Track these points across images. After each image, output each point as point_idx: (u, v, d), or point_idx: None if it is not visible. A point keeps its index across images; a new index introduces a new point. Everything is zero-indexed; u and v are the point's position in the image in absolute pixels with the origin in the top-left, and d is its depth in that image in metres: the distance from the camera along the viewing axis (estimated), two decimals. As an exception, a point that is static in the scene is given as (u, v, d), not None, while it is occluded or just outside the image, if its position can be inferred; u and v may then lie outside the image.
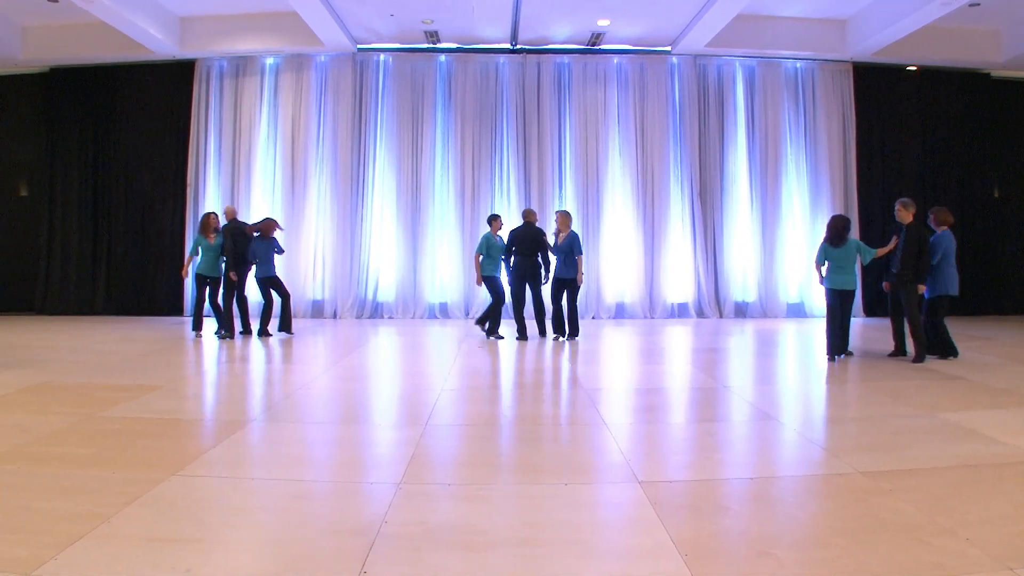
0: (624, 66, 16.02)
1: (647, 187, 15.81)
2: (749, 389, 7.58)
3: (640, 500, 4.01)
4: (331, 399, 7.31)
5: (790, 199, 15.89)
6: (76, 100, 16.51)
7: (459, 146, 15.83)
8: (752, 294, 15.79)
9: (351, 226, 15.83)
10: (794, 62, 15.98)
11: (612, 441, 5.30)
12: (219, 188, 16.06)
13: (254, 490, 4.35)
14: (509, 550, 3.42)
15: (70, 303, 16.38)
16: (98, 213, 16.52)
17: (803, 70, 16.02)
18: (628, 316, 15.51)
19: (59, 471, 4.58)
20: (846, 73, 15.93)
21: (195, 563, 3.25)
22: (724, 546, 3.45)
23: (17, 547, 3.39)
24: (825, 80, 15.94)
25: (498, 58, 15.98)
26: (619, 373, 9.19)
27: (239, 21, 15.17)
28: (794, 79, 16.07)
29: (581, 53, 15.97)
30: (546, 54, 15.95)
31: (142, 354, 10.12)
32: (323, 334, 12.95)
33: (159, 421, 6.01)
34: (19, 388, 7.42)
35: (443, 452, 5.23)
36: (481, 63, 15.99)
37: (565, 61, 16.01)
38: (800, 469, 4.72)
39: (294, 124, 16.02)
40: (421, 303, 15.71)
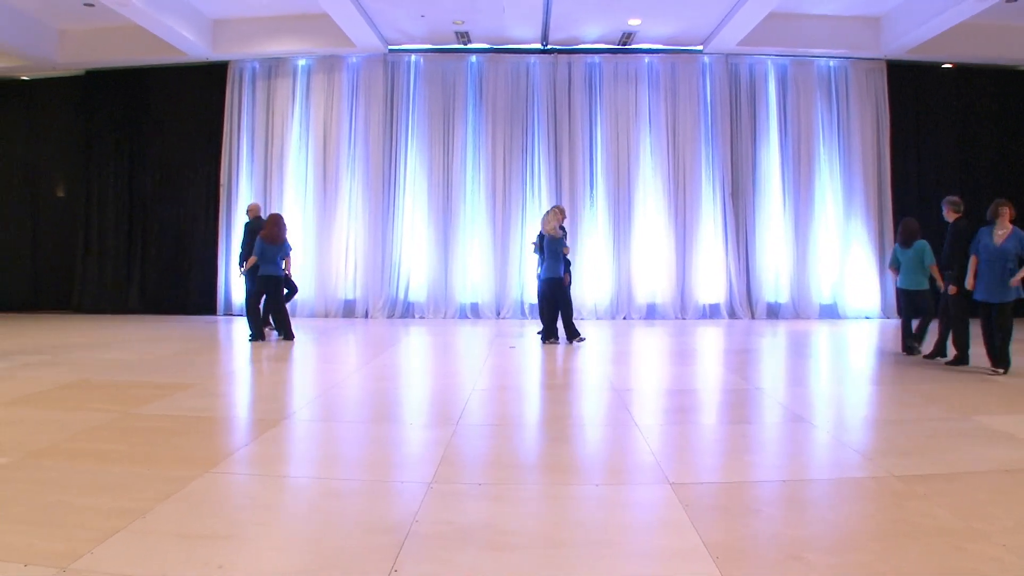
0: (655, 65, 15.94)
1: (679, 187, 15.73)
2: (781, 391, 7.52)
3: (671, 502, 3.99)
4: (362, 398, 7.34)
5: (823, 199, 15.72)
6: (111, 102, 16.75)
7: (490, 147, 15.84)
8: (784, 295, 15.65)
9: (382, 226, 15.89)
10: (827, 60, 15.82)
11: (643, 442, 5.28)
12: (251, 188, 16.20)
13: (286, 488, 4.38)
14: (539, 551, 3.42)
15: (105, 302, 16.61)
16: (133, 213, 16.74)
17: (836, 68, 15.86)
18: (659, 317, 15.43)
19: (95, 467, 4.65)
20: (880, 71, 15.73)
21: (227, 560, 3.28)
22: (756, 549, 3.42)
23: (54, 541, 3.44)
24: (858, 78, 15.76)
25: (529, 58, 15.97)
26: (650, 374, 9.16)
27: (271, 23, 15.30)
28: (827, 78, 15.91)
29: (612, 53, 15.92)
30: (577, 54, 15.92)
31: (175, 353, 10.23)
32: (354, 334, 13.02)
33: (192, 419, 6.07)
34: (56, 385, 7.54)
35: (474, 452, 5.23)
36: (512, 63, 15.98)
37: (596, 61, 15.97)
38: (833, 472, 4.67)
39: (326, 125, 16.11)
40: (452, 303, 15.75)
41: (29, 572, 3.12)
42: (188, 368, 8.97)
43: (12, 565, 3.19)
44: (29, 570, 3.14)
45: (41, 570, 3.14)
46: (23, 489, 4.22)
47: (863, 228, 15.50)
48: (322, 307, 15.80)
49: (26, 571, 3.13)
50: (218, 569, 3.18)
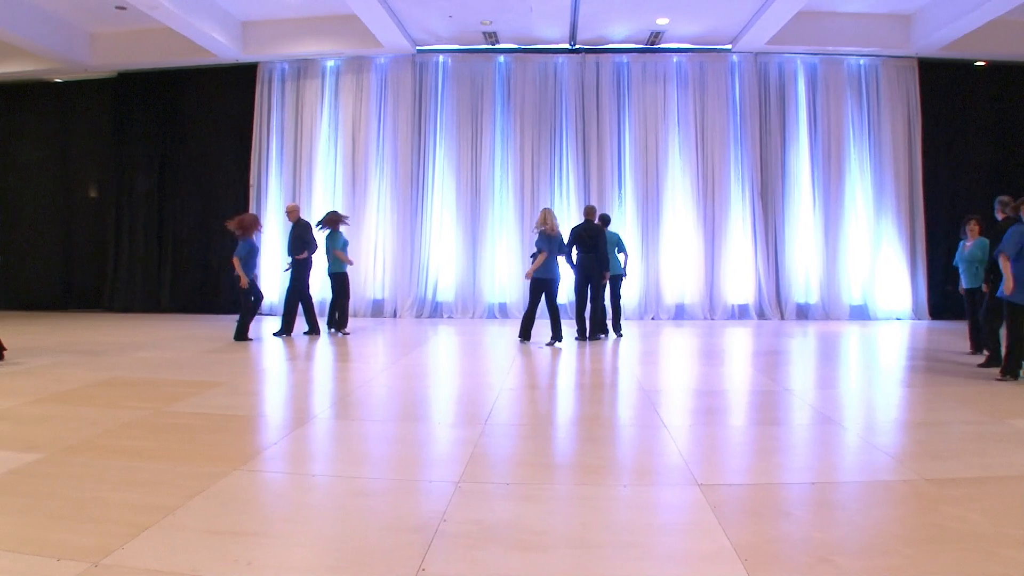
0: (683, 65, 15.88)
1: (707, 187, 15.66)
2: (811, 392, 7.45)
3: (699, 503, 3.96)
4: (391, 397, 7.36)
5: (853, 198, 15.58)
6: (143, 104, 16.98)
7: (518, 146, 15.85)
8: (814, 295, 15.52)
9: (411, 226, 15.96)
10: (857, 58, 15.67)
11: (671, 443, 5.26)
12: (281, 188, 16.33)
13: (314, 486, 4.40)
14: (566, 551, 3.41)
15: (136, 301, 16.83)
16: (164, 214, 16.94)
17: (866, 67, 15.70)
18: (688, 317, 15.38)
19: (126, 463, 4.69)
20: (911, 69, 15.56)
21: (256, 556, 3.30)
22: (785, 552, 3.38)
23: (86, 536, 3.48)
24: (889, 76, 15.60)
25: (557, 58, 15.96)
26: (679, 375, 9.10)
27: (300, 24, 15.41)
28: (857, 76, 15.75)
29: (640, 52, 15.87)
30: (605, 53, 15.89)
31: (204, 351, 10.32)
32: (383, 333, 13.07)
33: (222, 417, 6.12)
34: (89, 383, 7.63)
35: (502, 452, 5.23)
36: (540, 63, 15.99)
37: (624, 60, 15.93)
38: (863, 475, 4.60)
39: (354, 125, 16.21)
40: (480, 303, 15.77)
41: (62, 566, 3.16)
42: (218, 366, 9.04)
43: (45, 559, 3.23)
44: (62, 564, 3.17)
45: (74, 564, 3.17)
46: (56, 484, 4.27)
47: (894, 228, 15.34)
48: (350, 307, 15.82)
49: (59, 565, 3.17)
50: (247, 566, 3.20)
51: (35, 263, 17.63)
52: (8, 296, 17.41)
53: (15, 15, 13.83)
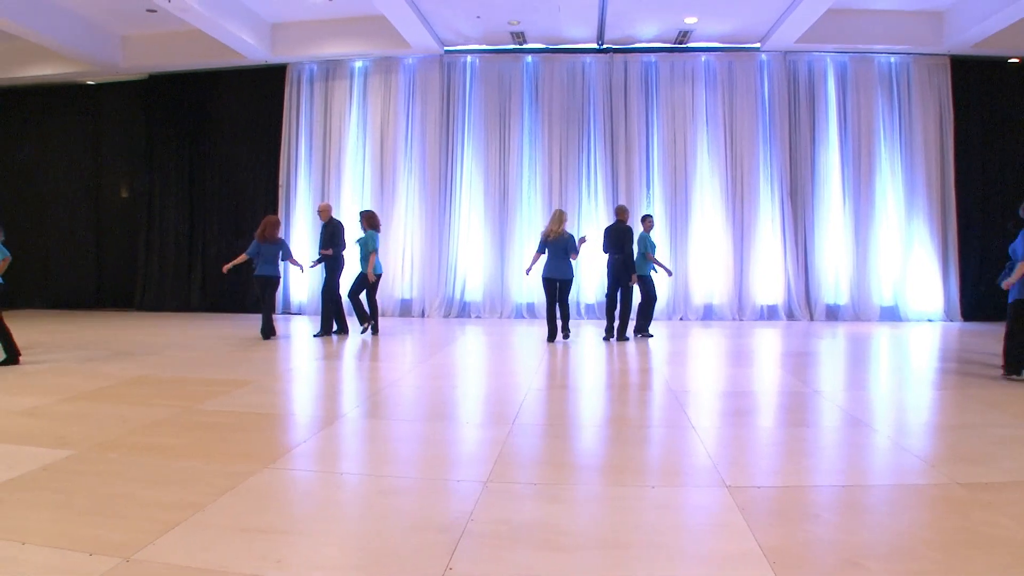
0: (712, 64, 15.79)
1: (736, 186, 15.56)
2: (840, 394, 7.38)
3: (727, 505, 3.94)
4: (419, 397, 7.38)
5: (884, 198, 15.40)
6: (173, 105, 17.17)
7: (546, 147, 15.84)
8: (844, 296, 15.37)
9: (439, 226, 16.00)
10: (888, 56, 15.48)
11: (699, 444, 5.23)
12: (310, 189, 16.43)
13: (343, 485, 4.42)
14: (594, 552, 3.40)
15: (167, 300, 17.02)
16: (194, 214, 17.12)
17: (897, 65, 15.52)
18: (716, 318, 15.30)
19: (157, 461, 4.75)
20: (943, 67, 15.36)
21: (285, 554, 3.32)
22: (813, 555, 3.35)
23: (118, 532, 3.53)
24: (921, 75, 15.40)
25: (584, 58, 15.93)
26: (707, 376, 9.06)
27: (328, 26, 15.50)
28: (888, 74, 15.57)
29: (668, 51, 15.80)
30: (633, 53, 15.83)
31: (234, 350, 10.40)
32: (411, 333, 13.10)
33: (251, 415, 6.17)
34: (120, 380, 7.73)
35: (529, 452, 5.23)
36: (568, 63, 15.96)
37: (652, 60, 15.86)
38: (893, 478, 4.54)
39: (383, 126, 16.27)
40: (508, 303, 15.78)
41: (94, 561, 3.20)
42: (247, 365, 9.12)
43: (78, 554, 3.28)
44: (94, 559, 3.22)
45: (105, 559, 3.22)
46: (89, 481, 4.34)
47: (926, 229, 15.15)
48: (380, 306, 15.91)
49: (91, 560, 3.21)
50: (276, 563, 3.22)
51: (68, 262, 17.88)
52: (42, 295, 17.66)
53: (49, 19, 14.02)
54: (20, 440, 5.23)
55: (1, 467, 4.54)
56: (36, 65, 16.56)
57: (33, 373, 8.23)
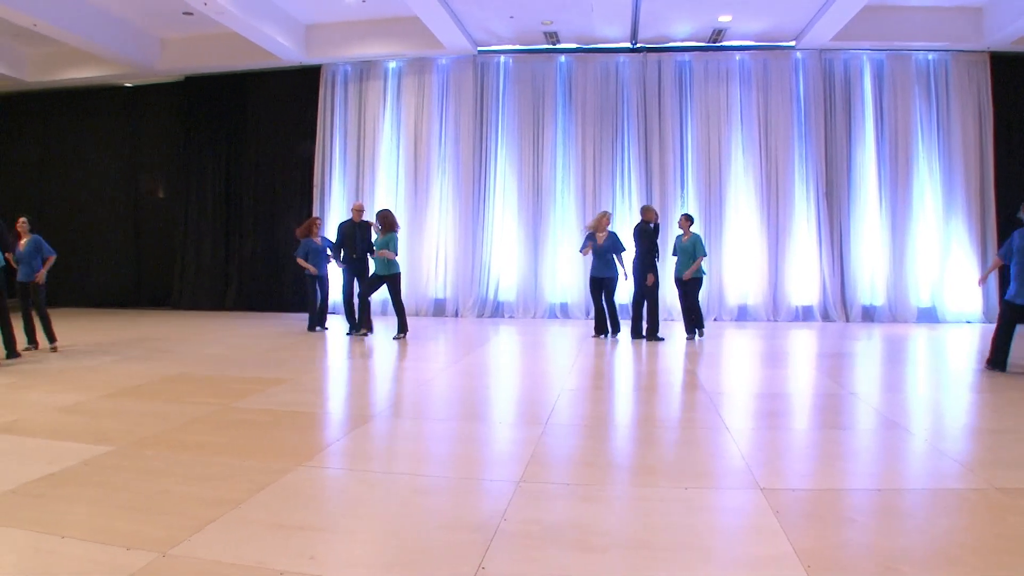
0: (746, 63, 15.66)
1: (771, 186, 15.42)
2: (877, 396, 7.30)
3: (762, 507, 3.91)
4: (452, 396, 7.41)
5: (922, 198, 15.16)
6: (209, 106, 17.36)
7: (580, 147, 15.81)
8: (880, 297, 15.17)
9: (473, 226, 16.03)
10: (925, 54, 15.23)
11: (733, 446, 5.21)
12: (344, 189, 16.53)
13: (376, 483, 4.44)
14: (626, 552, 3.40)
15: (203, 299, 17.20)
16: (229, 213, 17.29)
17: (935, 62, 15.27)
18: (751, 318, 15.17)
19: (195, 458, 4.82)
20: (982, 64, 15.07)
21: (319, 551, 3.36)
22: (848, 559, 3.31)
23: (156, 527, 3.60)
24: (959, 72, 15.14)
25: (618, 57, 15.87)
26: (741, 376, 9.00)
27: (362, 27, 15.58)
28: (926, 72, 15.31)
29: (702, 50, 15.69)
30: (666, 52, 15.73)
31: (269, 349, 10.51)
32: (444, 332, 13.15)
33: (287, 413, 6.23)
34: (158, 378, 7.84)
35: (563, 452, 5.23)
36: (601, 63, 15.91)
37: (686, 59, 15.77)
38: (930, 482, 4.48)
39: (416, 126, 16.33)
40: (542, 303, 15.76)
41: (131, 555, 3.26)
42: (283, 364, 9.20)
43: (116, 548, 3.34)
44: (132, 553, 3.28)
45: (143, 554, 3.28)
46: (127, 476, 4.41)
47: (964, 229, 14.90)
48: (413, 306, 15.99)
49: (129, 554, 3.27)
50: (310, 560, 3.26)
51: (107, 262, 18.14)
52: (82, 293, 17.93)
53: (88, 23, 14.23)
54: (61, 436, 5.33)
55: (42, 462, 4.63)
56: (76, 68, 16.84)
57: (73, 370, 8.37)
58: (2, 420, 5.80)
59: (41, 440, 5.23)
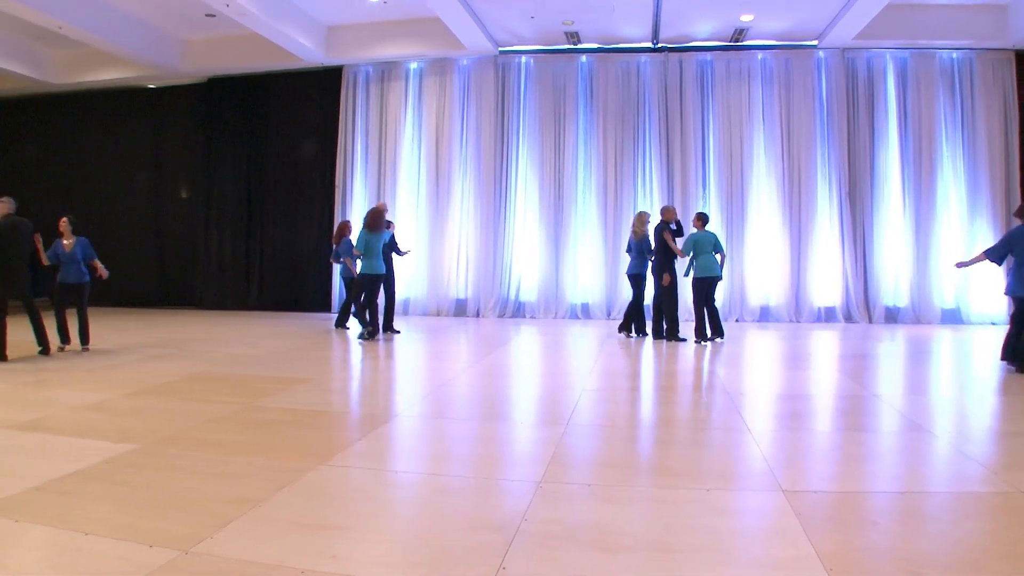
0: (768, 62, 15.58)
1: (793, 186, 15.32)
2: (900, 398, 7.26)
3: (783, 509, 3.88)
4: (473, 396, 7.42)
5: (946, 199, 15.01)
6: (231, 107, 17.47)
7: (601, 147, 15.78)
8: (904, 298, 15.05)
9: (494, 226, 16.04)
10: (950, 52, 15.07)
11: (755, 447, 5.18)
12: (366, 189, 16.59)
13: (397, 483, 4.46)
14: (647, 554, 3.39)
15: (225, 298, 17.33)
16: (251, 214, 17.39)
17: (960, 60, 15.11)
18: (773, 319, 15.08)
19: (217, 456, 4.85)
20: (1008, 62, 14.90)
21: (340, 550, 3.37)
22: (871, 562, 3.28)
23: (179, 524, 3.62)
24: (984, 70, 14.97)
25: (639, 57, 15.83)
26: (763, 378, 8.95)
27: (383, 28, 15.63)
28: (950, 70, 15.16)
29: (724, 50, 15.63)
30: (688, 52, 15.68)
31: (292, 348, 10.56)
32: (465, 333, 13.17)
33: (308, 412, 6.26)
34: (181, 377, 7.90)
35: (583, 452, 5.23)
36: (622, 63, 15.88)
37: (707, 59, 15.70)
38: (954, 485, 4.44)
39: (438, 127, 16.36)
40: (563, 303, 15.76)
41: (154, 553, 3.28)
42: (304, 363, 9.25)
43: (139, 545, 3.37)
44: (154, 551, 3.30)
45: (166, 551, 3.30)
46: (150, 474, 4.45)
47: (989, 230, 14.71)
48: (434, 306, 16.05)
49: (151, 552, 3.30)
50: (331, 558, 3.27)
51: (131, 261, 18.24)
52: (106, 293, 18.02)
53: (112, 25, 14.39)
54: (86, 434, 5.38)
55: (67, 459, 4.68)
56: (101, 70, 17.00)
57: (98, 369, 8.45)
58: (28, 417, 5.86)
59: (66, 438, 5.28)
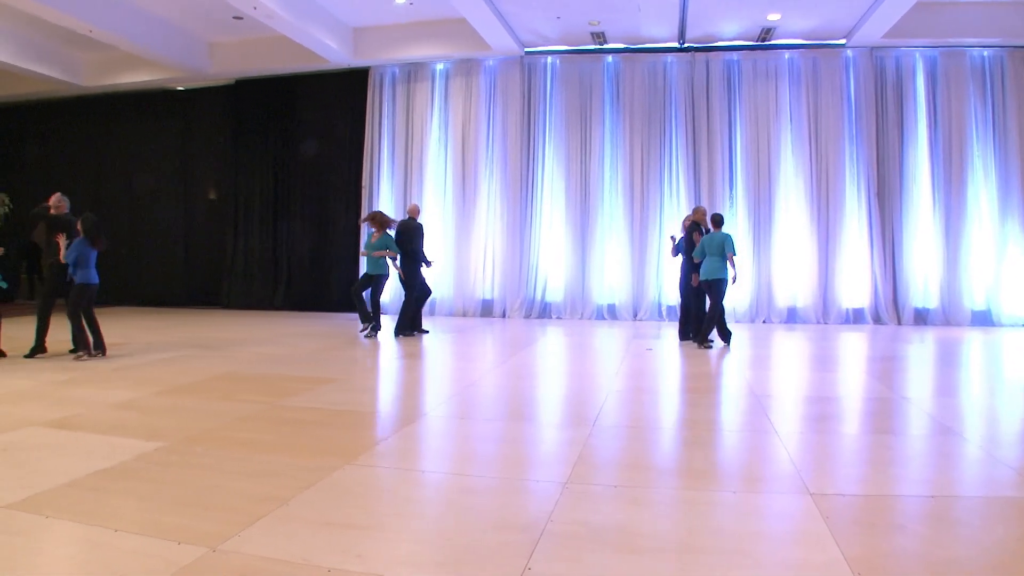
0: (796, 61, 15.46)
1: (821, 186, 15.19)
2: (929, 401, 7.18)
3: (811, 513, 3.85)
4: (499, 397, 7.43)
5: (976, 199, 14.80)
6: (259, 109, 17.60)
7: (627, 147, 15.73)
8: (933, 300, 14.86)
9: (520, 227, 16.04)
10: (980, 50, 14.85)
11: (782, 450, 5.14)
12: (392, 190, 16.64)
13: (423, 482, 4.47)
14: (672, 556, 3.37)
15: (252, 298, 17.45)
16: (278, 214, 17.51)
17: (990, 58, 14.90)
18: (800, 321, 14.95)
19: (244, 455, 4.89)
20: (1040, 60, 14.74)
21: (366, 549, 3.38)
22: (900, 567, 3.24)
23: (206, 522, 3.65)
24: (1016, 68, 14.74)
25: (665, 57, 15.76)
26: (790, 380, 8.89)
27: (409, 29, 15.66)
28: (980, 69, 14.93)
29: (750, 49, 15.52)
30: (714, 52, 15.59)
31: (318, 348, 10.62)
32: (492, 333, 13.17)
33: (335, 412, 6.29)
34: (209, 376, 7.96)
35: (609, 454, 5.21)
36: (648, 63, 15.81)
37: (734, 58, 15.61)
38: (985, 489, 4.37)
39: (464, 127, 16.38)
40: (589, 304, 15.73)
41: (182, 550, 3.31)
42: (331, 363, 9.30)
43: (167, 542, 3.40)
44: (182, 548, 3.33)
45: (193, 549, 3.33)
46: (178, 472, 4.49)
47: (1021, 230, 14.51)
48: (460, 306, 16.08)
49: (180, 549, 3.33)
50: (357, 557, 3.28)
51: (159, 261, 18.47)
52: (134, 293, 18.28)
53: (141, 28, 14.55)
54: (115, 431, 5.44)
55: (98, 457, 4.73)
56: (130, 72, 17.19)
57: (127, 368, 8.53)
58: (59, 415, 5.93)
59: (96, 435, 5.34)
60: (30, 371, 8.29)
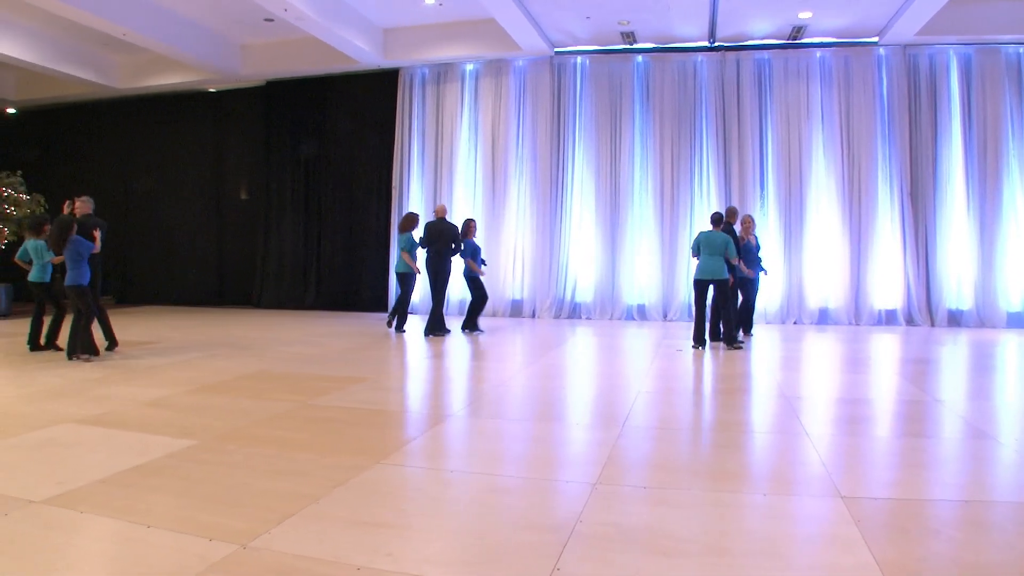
0: (827, 60, 15.31)
1: (853, 186, 15.04)
2: (963, 404, 7.09)
3: (842, 516, 3.82)
4: (529, 397, 7.43)
5: (1012, 199, 14.56)
6: (290, 110, 17.75)
7: (658, 147, 15.66)
8: (968, 301, 14.65)
9: (550, 227, 16.02)
10: (1016, 47, 14.61)
11: (813, 452, 5.10)
12: (422, 190, 16.69)
13: (453, 482, 4.48)
14: (702, 558, 3.36)
15: (283, 298, 17.59)
16: (309, 214, 17.64)
17: (1027, 56, 14.70)
18: (832, 322, 14.82)
19: (274, 453, 4.94)
20: (1077, 58, 14.46)
21: (396, 548, 3.40)
22: (932, 572, 3.20)
23: (236, 520, 3.70)
24: (1053, 66, 14.56)
25: (696, 57, 15.67)
26: (822, 382, 8.83)
27: (439, 30, 15.69)
28: (1016, 66, 14.68)
29: (782, 48, 15.39)
30: (745, 51, 15.48)
31: (349, 348, 10.68)
32: (521, 333, 13.18)
33: (365, 411, 6.33)
34: (240, 375, 8.04)
35: (639, 455, 5.20)
36: (679, 62, 15.74)
37: (765, 57, 15.50)
38: (1020, 494, 4.31)
39: (494, 127, 16.39)
40: (619, 304, 15.68)
41: (213, 546, 3.36)
42: (362, 362, 9.36)
43: (199, 539, 3.44)
44: (213, 545, 3.37)
45: (224, 545, 3.37)
46: (210, 470, 4.55)
47: (1058, 230, 14.32)
48: (490, 307, 15.96)
49: (211, 545, 3.37)
50: (386, 556, 3.30)
51: (191, 262, 18.66)
52: (167, 293, 18.49)
53: (173, 31, 14.71)
54: (148, 429, 5.51)
55: (131, 454, 4.80)
56: (163, 74, 17.40)
57: (159, 366, 8.63)
58: (94, 412, 6.01)
59: (129, 432, 5.41)
60: (64, 369, 8.42)
